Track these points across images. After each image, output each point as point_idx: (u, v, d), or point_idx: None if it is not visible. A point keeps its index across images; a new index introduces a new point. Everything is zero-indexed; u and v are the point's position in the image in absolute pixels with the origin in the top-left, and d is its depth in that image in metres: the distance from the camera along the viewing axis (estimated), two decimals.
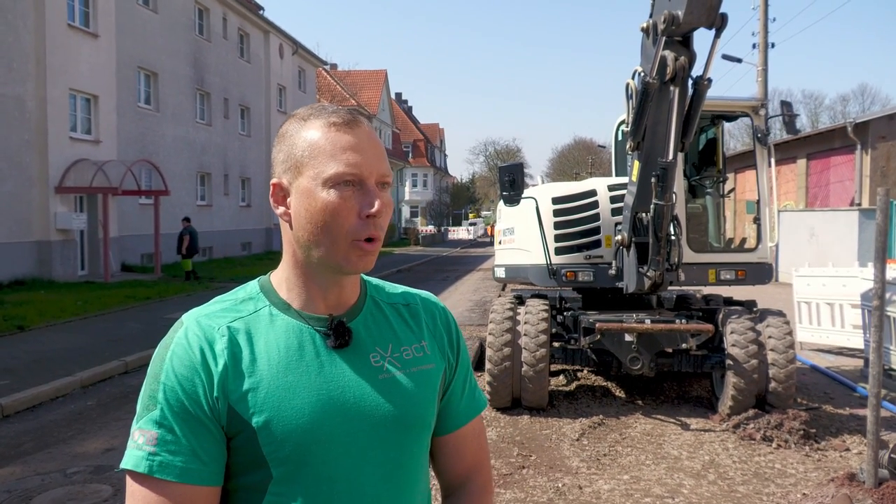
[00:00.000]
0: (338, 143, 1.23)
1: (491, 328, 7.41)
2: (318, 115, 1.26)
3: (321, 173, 1.22)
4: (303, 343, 1.26)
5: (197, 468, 1.16)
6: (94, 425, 7.13)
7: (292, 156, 1.25)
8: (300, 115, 1.29)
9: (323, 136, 1.23)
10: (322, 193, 1.21)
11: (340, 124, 1.24)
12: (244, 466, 1.21)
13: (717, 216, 8.65)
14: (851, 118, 19.92)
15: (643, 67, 6.32)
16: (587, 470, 5.84)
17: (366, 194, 1.23)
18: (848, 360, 10.04)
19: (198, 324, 1.24)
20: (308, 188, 1.23)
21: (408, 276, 25.37)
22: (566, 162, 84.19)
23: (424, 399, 1.33)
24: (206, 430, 1.17)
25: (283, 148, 1.27)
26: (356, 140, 1.24)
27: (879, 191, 4.92)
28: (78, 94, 19.38)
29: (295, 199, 1.25)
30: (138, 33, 22.90)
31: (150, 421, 1.17)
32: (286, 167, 1.26)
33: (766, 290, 12.57)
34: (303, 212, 1.23)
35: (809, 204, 21.98)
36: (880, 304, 4.94)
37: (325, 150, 1.22)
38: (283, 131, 1.29)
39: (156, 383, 1.19)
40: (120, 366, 9.48)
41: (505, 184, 7.30)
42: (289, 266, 1.30)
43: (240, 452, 1.20)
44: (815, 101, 71.42)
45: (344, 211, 1.21)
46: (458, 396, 1.46)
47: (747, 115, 8.15)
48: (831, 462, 6.01)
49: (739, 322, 7.15)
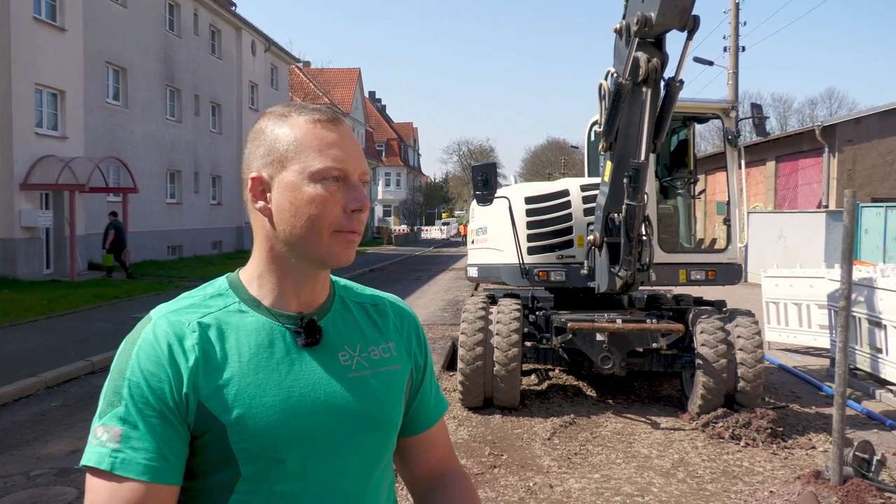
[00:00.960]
0: (324, 139, 1.25)
1: (463, 328, 7.42)
2: (300, 112, 1.28)
3: (308, 167, 1.23)
4: (273, 340, 1.25)
5: (161, 466, 1.14)
6: (58, 427, 7.02)
7: (275, 150, 1.25)
8: (278, 113, 1.29)
9: (309, 132, 1.25)
10: (308, 187, 1.23)
11: (325, 121, 1.27)
12: (212, 465, 1.20)
13: (687, 217, 8.74)
14: (819, 122, 20.26)
15: (616, 68, 6.37)
16: (558, 469, 5.87)
17: (350, 189, 1.25)
18: (815, 360, 10.20)
19: (167, 319, 1.23)
20: (294, 182, 1.24)
21: (380, 275, 25.29)
22: (539, 162, 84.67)
23: (391, 399, 1.35)
24: (171, 428, 1.16)
25: (262, 143, 1.28)
26: (340, 137, 1.26)
27: (846, 193, 5.00)
28: (44, 89, 19.04)
29: (277, 192, 1.25)
30: (107, 28, 22.57)
31: (115, 417, 1.15)
32: (267, 161, 1.26)
33: (736, 290, 12.73)
34: (287, 205, 1.24)
35: (778, 206, 22.31)
36: (846, 305, 5.03)
37: (312, 145, 1.24)
38: (261, 128, 1.29)
39: (121, 379, 1.17)
40: (86, 366, 9.33)
41: (478, 183, 7.31)
42: (263, 262, 1.30)
43: (208, 450, 1.19)
44: (784, 105, 72.46)
45: (329, 204, 1.23)
46: (428, 396, 1.50)
47: (718, 118, 8.23)
48: (798, 460, 6.11)
49: (709, 322, 7.23)
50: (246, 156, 1.30)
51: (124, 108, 23.94)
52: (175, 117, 27.87)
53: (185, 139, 28.49)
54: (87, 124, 21.17)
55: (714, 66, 22.73)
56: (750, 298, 13.95)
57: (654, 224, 7.44)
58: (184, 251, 28.26)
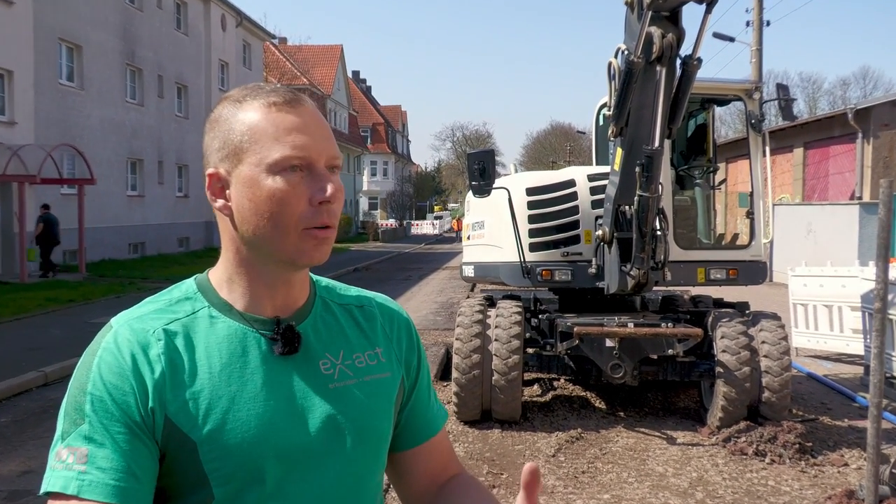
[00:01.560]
0: (281, 125, 1.22)
1: (458, 333, 7.43)
2: (254, 96, 1.26)
3: (264, 159, 1.21)
4: (247, 348, 1.25)
5: (130, 486, 1.14)
6: (8, 445, 7.00)
7: (229, 142, 1.24)
8: (233, 97, 1.28)
9: (263, 118, 1.23)
10: (267, 181, 1.21)
11: (281, 104, 1.24)
12: (182, 487, 1.20)
13: (706, 210, 8.76)
14: (852, 104, 20.33)
15: (627, 45, 6.37)
16: (564, 489, 5.89)
17: (316, 179, 1.23)
18: (847, 368, 10.25)
19: (129, 327, 1.22)
20: (250, 176, 1.22)
21: (366, 275, 25.29)
22: (542, 149, 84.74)
23: (379, 410, 1.34)
24: (140, 444, 1.16)
25: (217, 134, 1.27)
26: (300, 120, 1.24)
27: (882, 183, 5.02)
28: None
29: (236, 189, 1.24)
30: (59, 1, 22.48)
31: (79, 436, 1.15)
32: (223, 155, 1.25)
33: (760, 290, 12.75)
34: (246, 203, 1.23)
35: (807, 197, 22.38)
36: (882, 307, 5.05)
37: (267, 132, 1.22)
38: (217, 116, 1.29)
39: (82, 395, 1.17)
40: (39, 377, 9.31)
41: (474, 172, 7.32)
42: (231, 264, 1.29)
43: (177, 471, 1.19)
44: (813, 85, 72.57)
45: (293, 198, 1.21)
46: (425, 404, 1.49)
47: (740, 100, 8.26)
48: (828, 478, 6.14)
49: (730, 326, 7.26)
50: (204, 148, 1.30)
51: (79, 90, 23.86)
52: (136, 100, 27.79)
53: (147, 124, 28.41)
54: (38, 108, 21.10)
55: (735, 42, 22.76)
56: (776, 300, 14.00)
57: (669, 218, 7.46)
58: (147, 249, 28.19)
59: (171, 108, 30.63)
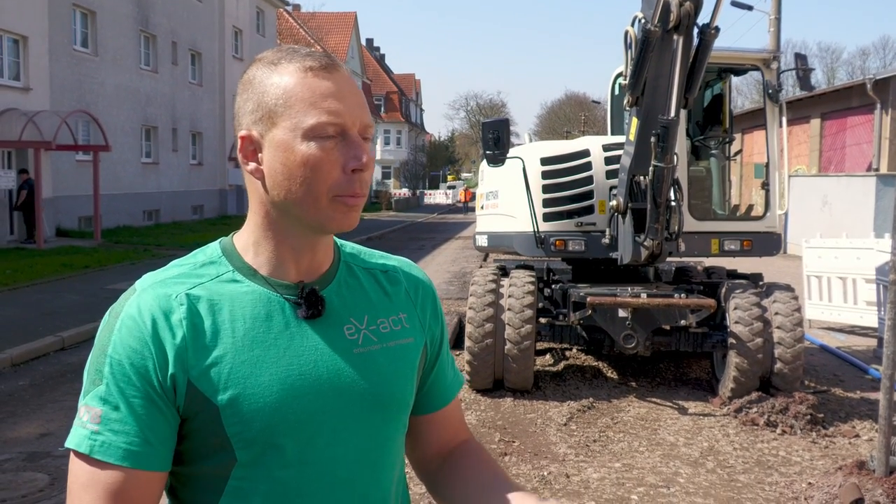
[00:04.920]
0: (317, 90, 1.22)
1: (471, 302, 7.45)
2: (290, 59, 1.25)
3: (299, 124, 1.20)
4: (271, 313, 1.26)
5: (142, 451, 1.16)
6: (26, 408, 7.11)
7: (264, 104, 1.23)
8: (268, 59, 1.27)
9: (299, 82, 1.22)
10: (301, 146, 1.20)
11: (318, 69, 1.23)
12: (205, 450, 1.22)
13: (721, 180, 8.71)
14: (871, 74, 20.07)
15: (644, 13, 6.31)
16: (575, 457, 5.94)
17: (350, 146, 1.23)
18: (860, 340, 10.24)
19: (152, 291, 1.23)
20: (284, 141, 1.22)
21: (378, 244, 25.32)
22: (556, 119, 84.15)
23: (402, 376, 1.35)
24: (156, 410, 1.17)
25: (251, 96, 1.26)
26: (336, 87, 1.23)
27: None
28: (4, 35, 18.94)
29: (269, 153, 1.24)
30: None
31: (96, 397, 1.17)
32: (256, 118, 1.24)
33: (774, 262, 12.72)
34: (279, 167, 1.22)
35: (823, 168, 22.20)
36: None
37: (303, 97, 1.21)
38: (250, 77, 1.27)
39: (102, 356, 1.19)
40: (56, 342, 9.42)
41: (488, 142, 7.29)
42: (258, 228, 1.29)
43: (200, 434, 1.21)
44: (831, 55, 71.90)
45: (326, 165, 1.21)
46: (444, 372, 1.51)
47: (758, 69, 8.18)
48: (839, 449, 6.16)
49: (744, 297, 7.25)
50: (235, 110, 1.29)
51: (94, 57, 23.83)
52: (150, 67, 27.74)
53: (161, 91, 28.38)
54: (53, 74, 21.09)
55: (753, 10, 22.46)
56: (789, 271, 13.95)
57: (684, 188, 7.42)
58: (161, 216, 28.31)
59: (184, 75, 30.55)
